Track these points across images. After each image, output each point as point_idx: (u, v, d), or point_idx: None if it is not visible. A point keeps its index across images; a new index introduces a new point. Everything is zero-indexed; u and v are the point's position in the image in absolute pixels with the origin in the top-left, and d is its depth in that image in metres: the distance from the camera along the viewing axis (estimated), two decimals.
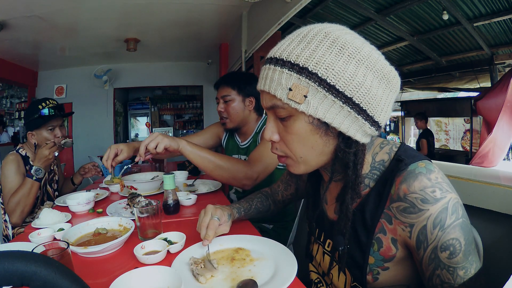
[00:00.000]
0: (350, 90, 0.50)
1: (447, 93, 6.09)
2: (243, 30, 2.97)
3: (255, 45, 2.61)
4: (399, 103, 6.70)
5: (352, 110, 0.51)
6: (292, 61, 0.51)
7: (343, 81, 0.50)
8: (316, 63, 0.50)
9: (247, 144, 1.51)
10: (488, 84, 4.52)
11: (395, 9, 3.79)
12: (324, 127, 0.54)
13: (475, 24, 3.79)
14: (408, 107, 6.45)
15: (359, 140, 0.54)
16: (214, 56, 4.85)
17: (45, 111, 1.49)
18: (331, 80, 0.50)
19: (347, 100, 0.50)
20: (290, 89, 0.51)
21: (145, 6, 2.82)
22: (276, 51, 0.55)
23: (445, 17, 3.67)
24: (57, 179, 1.73)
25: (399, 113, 7.14)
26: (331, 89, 0.50)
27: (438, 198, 0.50)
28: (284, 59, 0.52)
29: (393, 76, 0.54)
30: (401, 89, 6.64)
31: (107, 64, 4.99)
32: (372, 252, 0.58)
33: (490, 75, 4.48)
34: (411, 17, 4.04)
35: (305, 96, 0.51)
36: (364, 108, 0.51)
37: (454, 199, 0.51)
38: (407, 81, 6.01)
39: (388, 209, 0.55)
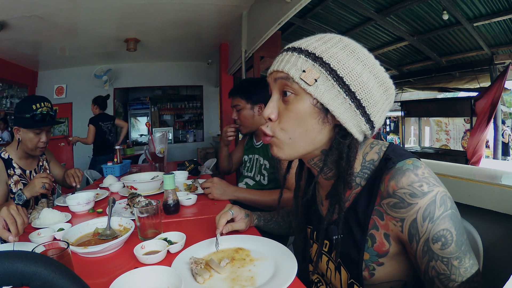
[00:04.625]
0: (355, 86, 0.56)
1: (447, 93, 6.08)
2: (243, 30, 2.97)
3: (255, 45, 2.61)
4: (399, 103, 6.69)
5: (352, 104, 0.56)
6: (309, 51, 0.57)
7: (350, 76, 0.56)
8: (330, 56, 0.56)
9: (260, 145, 1.62)
10: (488, 84, 4.52)
11: (395, 9, 3.78)
12: (324, 113, 0.58)
13: (475, 24, 3.78)
14: (408, 107, 6.45)
15: (353, 134, 0.58)
16: (214, 56, 4.85)
17: (38, 114, 1.41)
18: (340, 72, 0.56)
19: (350, 93, 0.56)
20: (303, 71, 0.56)
21: (145, 6, 2.83)
22: (295, 43, 0.61)
23: (445, 17, 3.66)
24: None
25: (399, 113, 7.13)
26: (339, 80, 0.56)
27: (425, 192, 0.53)
28: (302, 48, 0.58)
29: (391, 87, 0.60)
30: (401, 89, 6.64)
31: (107, 64, 5.00)
32: (367, 248, 0.60)
33: (490, 75, 4.47)
34: (411, 17, 4.03)
35: (315, 80, 0.56)
36: (363, 105, 0.57)
37: (442, 192, 0.53)
38: (407, 81, 6.00)
39: (379, 205, 0.58)
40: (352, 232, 0.61)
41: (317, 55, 0.56)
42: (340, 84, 0.55)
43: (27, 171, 1.54)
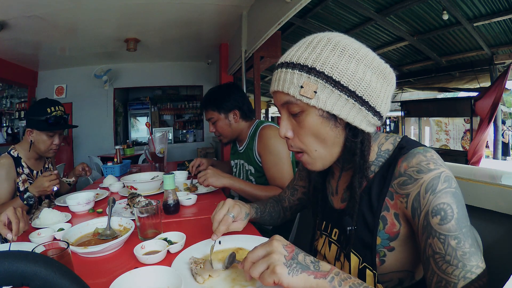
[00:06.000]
0: (353, 85, 0.57)
1: (447, 93, 6.09)
2: (243, 30, 2.97)
3: (255, 45, 2.61)
4: (399, 103, 6.69)
5: (356, 102, 0.57)
6: (302, 63, 0.58)
7: (347, 77, 0.56)
8: (323, 64, 0.57)
9: (243, 150, 1.59)
10: (488, 84, 4.53)
11: (395, 9, 3.78)
12: (333, 119, 0.60)
13: (475, 24, 3.78)
14: (408, 107, 6.45)
15: (364, 130, 0.60)
16: (214, 56, 4.85)
17: (52, 117, 1.46)
18: (336, 77, 0.56)
19: (351, 94, 0.57)
20: (301, 87, 0.58)
21: (145, 6, 2.82)
22: (286, 57, 0.61)
23: (445, 17, 3.67)
24: None
25: (399, 113, 7.14)
26: (337, 84, 0.56)
27: (431, 168, 0.55)
28: (294, 62, 0.59)
29: (389, 72, 0.61)
30: (401, 89, 6.64)
31: (107, 64, 4.99)
32: (378, 231, 0.61)
33: (490, 75, 4.48)
34: (411, 17, 4.03)
35: (315, 92, 0.57)
36: (366, 100, 0.58)
37: (448, 173, 0.55)
38: (407, 81, 6.00)
39: (391, 186, 0.60)
40: (364, 217, 0.63)
41: (310, 66, 0.57)
42: (339, 88, 0.56)
43: (34, 171, 1.56)
